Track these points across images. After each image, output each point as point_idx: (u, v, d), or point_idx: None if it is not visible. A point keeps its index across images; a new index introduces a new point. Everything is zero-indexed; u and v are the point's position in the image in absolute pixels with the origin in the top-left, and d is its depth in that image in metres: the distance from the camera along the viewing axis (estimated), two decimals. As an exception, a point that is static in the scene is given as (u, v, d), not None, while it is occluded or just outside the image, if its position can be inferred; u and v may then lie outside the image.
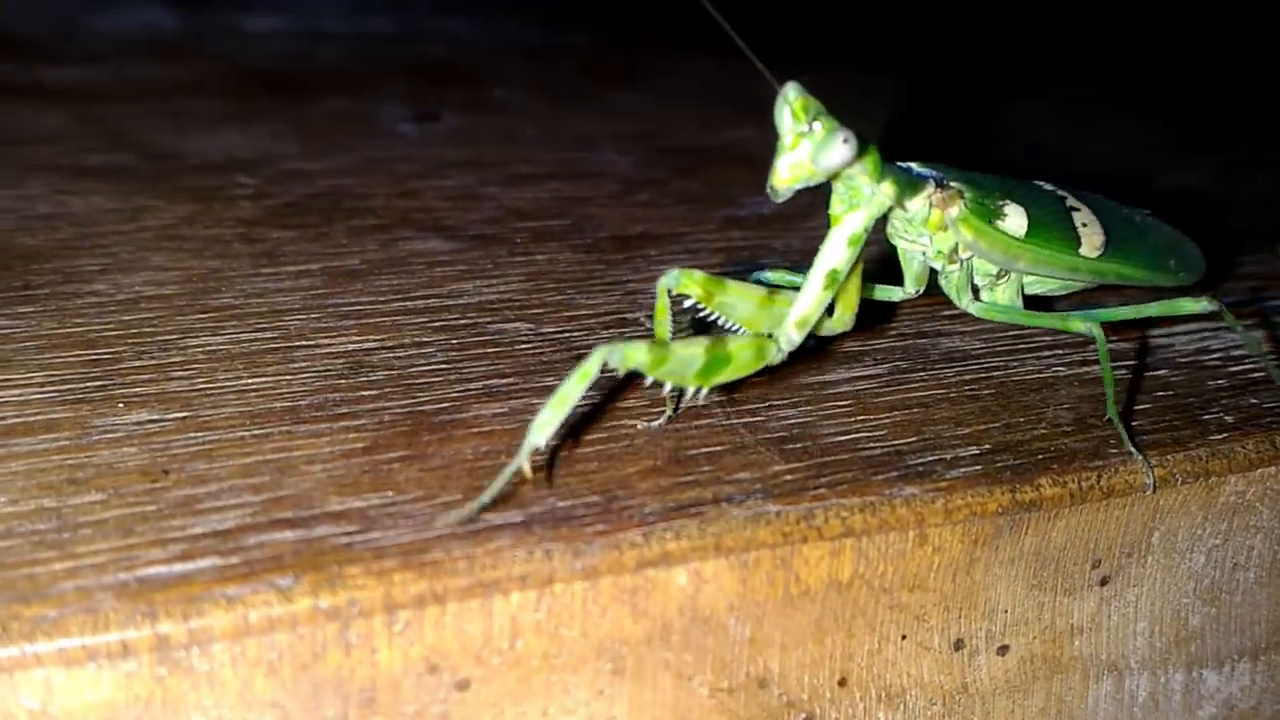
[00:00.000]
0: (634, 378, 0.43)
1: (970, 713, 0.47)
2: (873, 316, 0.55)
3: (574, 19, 1.27)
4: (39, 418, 0.43)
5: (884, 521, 0.43)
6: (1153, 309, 0.51)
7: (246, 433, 0.43)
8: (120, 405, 0.44)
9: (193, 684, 0.35)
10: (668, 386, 0.43)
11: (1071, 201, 0.52)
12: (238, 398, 0.46)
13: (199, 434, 0.43)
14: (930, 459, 0.45)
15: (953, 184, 0.48)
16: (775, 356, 0.45)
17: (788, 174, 0.43)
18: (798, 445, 0.46)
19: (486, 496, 0.40)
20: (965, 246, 0.49)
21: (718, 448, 0.45)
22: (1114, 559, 0.47)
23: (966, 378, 0.52)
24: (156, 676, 0.35)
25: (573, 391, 0.40)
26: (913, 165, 0.48)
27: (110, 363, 0.47)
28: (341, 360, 0.49)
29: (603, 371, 0.40)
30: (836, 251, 0.45)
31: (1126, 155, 0.89)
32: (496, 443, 0.44)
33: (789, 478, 0.44)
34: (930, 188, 0.47)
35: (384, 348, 0.51)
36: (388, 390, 0.47)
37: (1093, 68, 1.18)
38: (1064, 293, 0.56)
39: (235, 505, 0.39)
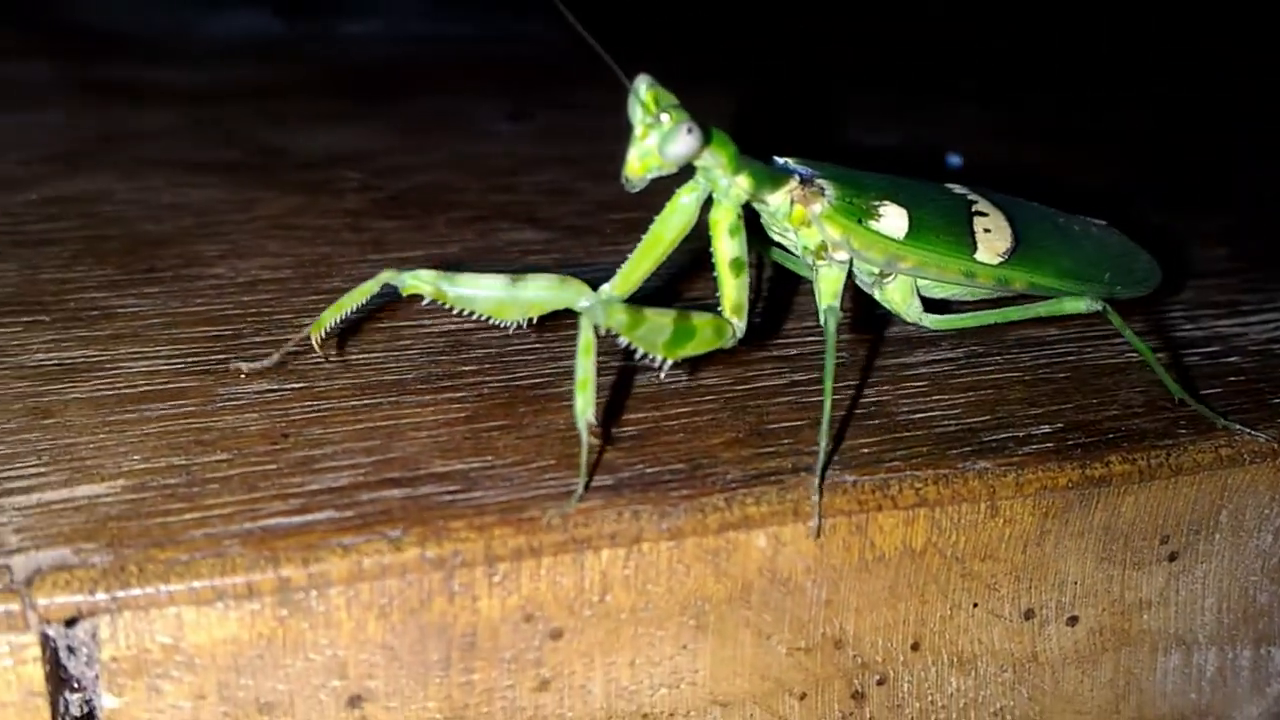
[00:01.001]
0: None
1: (1040, 681, 0.48)
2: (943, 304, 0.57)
3: (650, 20, 1.29)
4: (168, 386, 0.47)
5: (956, 493, 0.45)
6: (1039, 309, 0.51)
7: (358, 403, 0.47)
8: (242, 376, 0.48)
9: (310, 624, 0.38)
10: (639, 353, 0.44)
11: (981, 206, 0.51)
12: (349, 371, 0.49)
13: (314, 403, 0.46)
14: (1003, 436, 0.47)
15: (819, 181, 0.48)
16: (730, 341, 0.46)
17: (638, 163, 0.44)
18: (874, 421, 0.48)
19: (581, 485, 0.42)
20: (834, 244, 0.48)
21: (797, 423, 0.47)
22: (1182, 535, 0.48)
23: (1041, 361, 0.54)
24: (278, 616, 0.38)
25: (584, 366, 0.41)
26: (788, 161, 0.49)
27: (231, 338, 0.51)
28: (443, 339, 0.52)
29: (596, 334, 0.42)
30: (726, 246, 0.47)
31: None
32: (588, 415, 0.47)
33: (865, 450, 0.46)
34: (793, 183, 0.48)
35: (482, 328, 0.53)
36: (486, 367, 0.50)
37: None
38: (973, 299, 0.54)
39: (348, 466, 0.42)
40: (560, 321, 0.55)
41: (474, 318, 0.46)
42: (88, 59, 0.97)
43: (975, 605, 0.46)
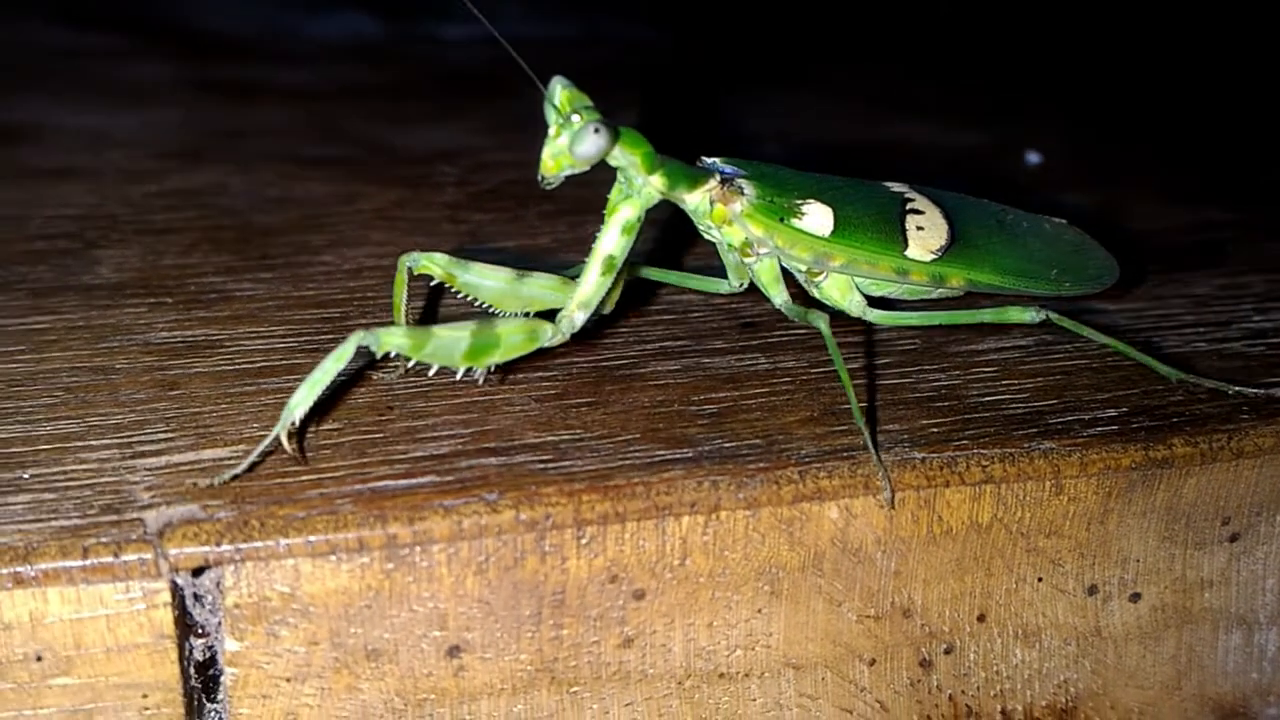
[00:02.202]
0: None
1: (1103, 655, 0.50)
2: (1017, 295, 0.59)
3: (734, 22, 1.32)
4: (283, 363, 0.51)
5: (1022, 471, 0.47)
6: (986, 315, 0.52)
7: (457, 382, 0.50)
8: (364, 352, 0.51)
9: (414, 578, 0.42)
10: (434, 368, 0.46)
11: (917, 205, 0.52)
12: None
13: (416, 379, 0.50)
14: (1069, 419, 0.49)
15: (739, 181, 0.49)
16: (553, 339, 0.47)
17: (551, 162, 0.46)
18: (944, 404, 0.50)
19: (245, 463, 0.42)
20: (758, 241, 0.50)
21: (874, 403, 0.50)
22: (1243, 517, 0.50)
23: (1109, 350, 0.56)
24: (385, 570, 0.41)
25: (328, 372, 0.42)
26: (716, 161, 0.50)
27: (339, 319, 0.55)
28: (535, 322, 0.55)
29: (361, 353, 0.43)
30: (611, 239, 0.48)
31: None
32: (670, 394, 0.50)
33: (935, 430, 0.48)
34: (712, 183, 0.49)
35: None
36: (575, 348, 0.53)
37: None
38: (913, 297, 0.54)
39: (448, 436, 0.46)
40: (648, 305, 0.58)
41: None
42: (203, 60, 1.02)
43: (1040, 580, 0.48)
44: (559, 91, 0.46)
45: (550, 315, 0.49)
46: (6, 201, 0.67)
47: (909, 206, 0.52)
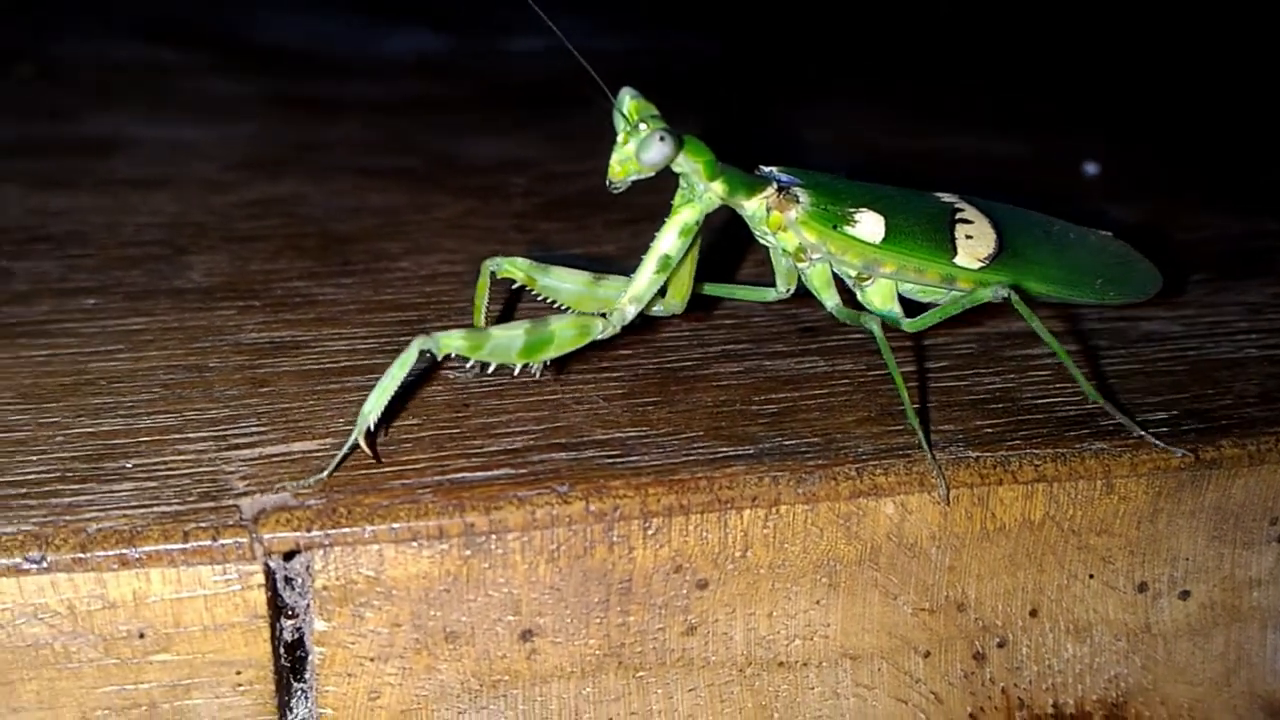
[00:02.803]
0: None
1: (1153, 651, 0.51)
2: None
3: (787, 33, 1.34)
4: (364, 363, 0.53)
5: (1073, 470, 0.48)
6: (963, 302, 0.52)
7: (528, 379, 0.52)
8: (427, 355, 0.54)
9: (490, 565, 0.44)
10: (492, 366, 0.48)
11: (966, 215, 0.53)
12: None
13: (490, 379, 0.52)
14: (1120, 420, 0.51)
15: (795, 189, 0.51)
16: (605, 333, 0.49)
17: (618, 167, 0.49)
18: (998, 406, 0.52)
19: (331, 466, 0.45)
20: (811, 247, 0.52)
21: (924, 404, 0.52)
22: (1293, 517, 0.51)
23: (1162, 355, 0.57)
24: (463, 556, 0.44)
25: (395, 378, 0.45)
26: (773, 169, 0.52)
27: (417, 322, 0.57)
28: (602, 326, 0.58)
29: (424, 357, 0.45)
30: (669, 240, 0.50)
31: None
32: (732, 395, 0.52)
33: (989, 430, 0.50)
34: (769, 190, 0.51)
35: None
36: (640, 351, 0.56)
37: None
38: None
39: (521, 432, 0.48)
40: (711, 310, 0.60)
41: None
42: (279, 75, 1.06)
43: (1091, 576, 0.50)
44: (628, 101, 0.49)
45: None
46: (101, 209, 0.70)
47: (958, 216, 0.53)
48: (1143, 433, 0.49)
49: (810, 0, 1.48)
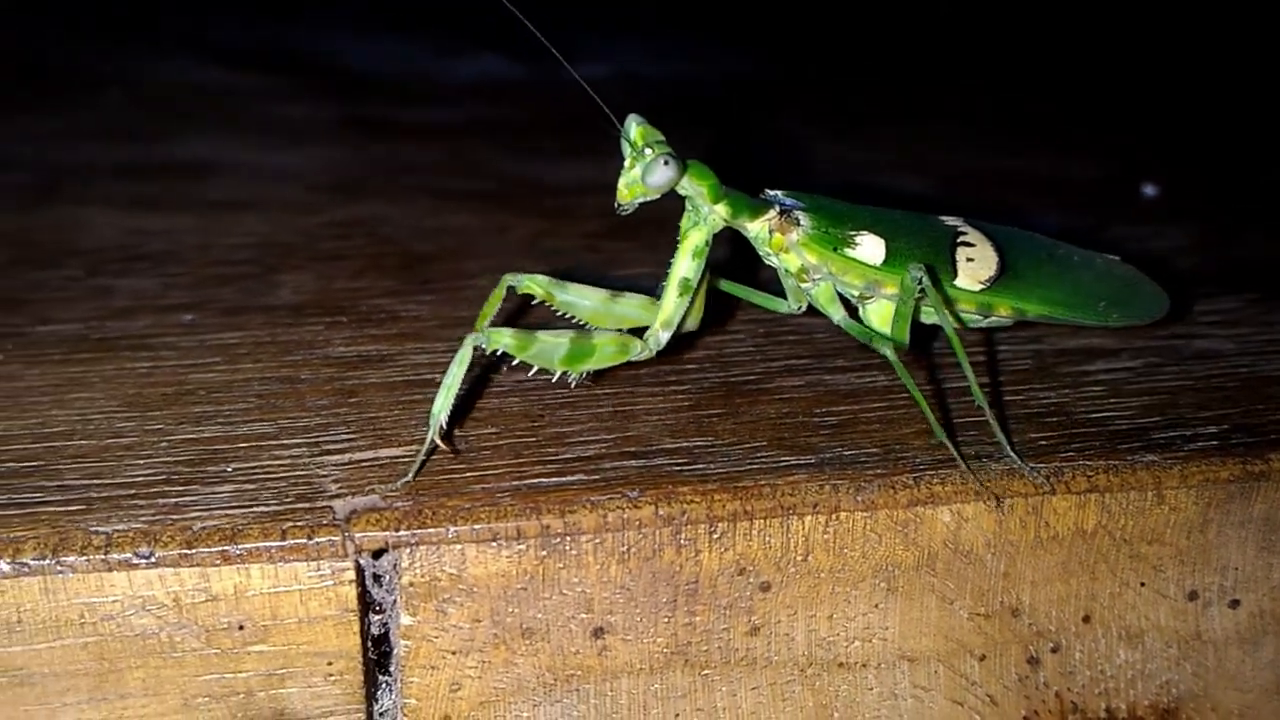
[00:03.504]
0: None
1: (1204, 658, 0.53)
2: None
3: (845, 54, 1.36)
4: (440, 376, 0.56)
5: (1125, 481, 0.50)
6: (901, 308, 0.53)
7: (599, 391, 0.55)
8: (504, 370, 0.57)
9: (564, 565, 0.47)
10: (533, 370, 0.51)
11: (969, 238, 0.55)
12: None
13: (563, 391, 0.55)
14: (1172, 434, 0.53)
15: (796, 213, 0.53)
16: (641, 354, 0.52)
17: (625, 191, 0.51)
18: (1053, 419, 0.54)
19: (414, 468, 0.48)
20: (813, 269, 0.54)
21: (979, 418, 0.53)
22: (1342, 529, 0.52)
23: (1215, 373, 0.59)
24: (539, 557, 0.46)
25: (456, 376, 0.48)
26: (778, 193, 0.54)
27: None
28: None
29: (477, 352, 0.49)
30: (685, 264, 0.53)
31: None
32: (794, 407, 0.54)
33: (1043, 442, 0.52)
34: (772, 213, 0.53)
35: (707, 333, 0.61)
36: (706, 365, 0.58)
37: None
38: (969, 326, 0.57)
39: (594, 440, 0.51)
40: (775, 327, 0.62)
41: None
42: (357, 101, 1.10)
43: (1142, 584, 0.52)
44: (634, 128, 0.51)
45: (640, 332, 0.53)
46: (192, 230, 0.74)
47: (960, 239, 0.55)
48: (1010, 453, 0.50)
49: (863, 23, 1.50)
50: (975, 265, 0.55)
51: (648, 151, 0.50)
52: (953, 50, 1.39)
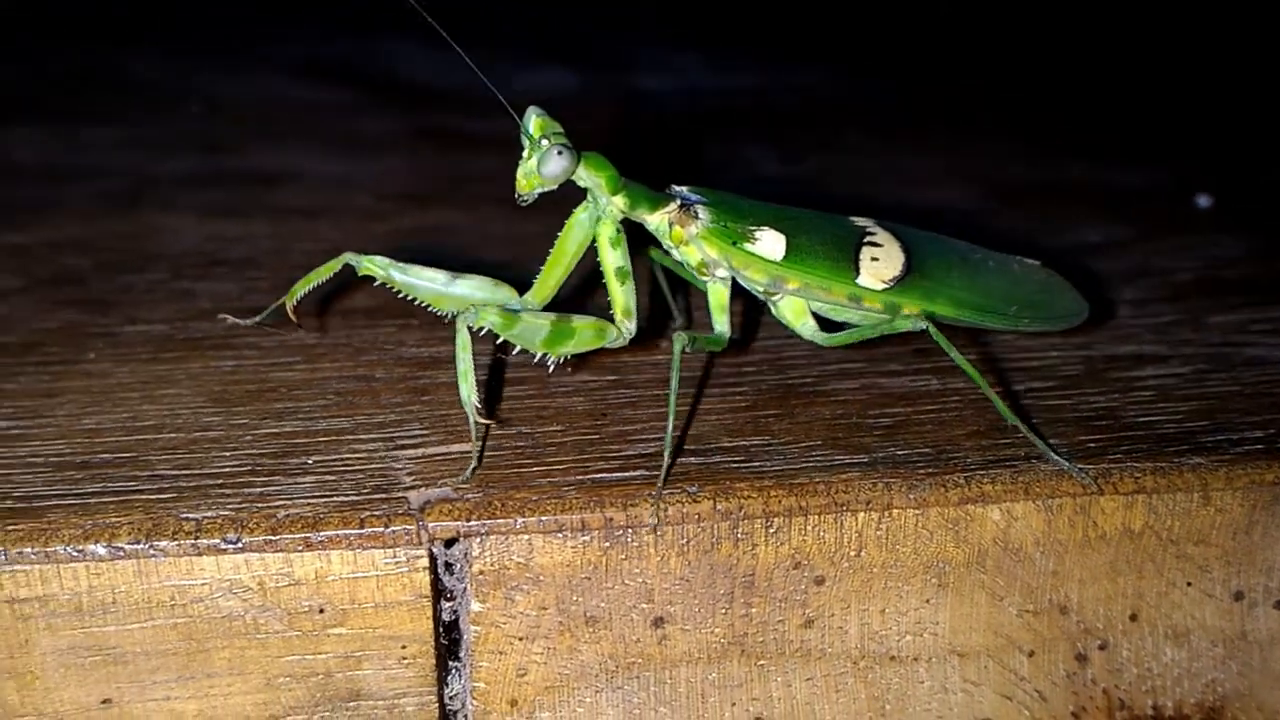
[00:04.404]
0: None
1: (1249, 658, 0.54)
2: (1181, 329, 0.64)
3: (904, 67, 1.37)
4: (514, 375, 0.59)
5: (1172, 483, 0.51)
6: (883, 328, 0.55)
7: (660, 392, 0.57)
8: (569, 370, 0.59)
9: (626, 556, 0.49)
10: (516, 349, 0.52)
11: (877, 238, 0.56)
12: (653, 368, 0.60)
13: (625, 391, 0.57)
14: (1219, 438, 0.54)
15: (696, 206, 0.55)
16: (614, 341, 0.53)
17: (524, 181, 0.53)
18: (1102, 423, 0.55)
19: (474, 458, 0.50)
20: (713, 262, 0.55)
21: (1033, 420, 0.55)
22: (1389, 533, 0.53)
23: (1264, 379, 0.60)
24: (602, 548, 0.48)
25: (463, 360, 0.50)
26: (682, 189, 0.55)
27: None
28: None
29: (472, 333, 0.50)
30: (609, 256, 0.54)
31: None
32: (848, 409, 0.56)
33: (1092, 445, 0.53)
34: (672, 206, 0.55)
35: (760, 337, 0.63)
36: (764, 368, 0.60)
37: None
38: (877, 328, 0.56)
39: (655, 438, 0.53)
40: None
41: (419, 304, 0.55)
42: (424, 111, 1.13)
43: (1189, 584, 0.53)
44: (533, 120, 0.53)
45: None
46: (270, 235, 0.77)
47: (867, 239, 0.56)
48: (1055, 455, 0.51)
49: (919, 35, 1.51)
50: (879, 265, 0.56)
51: (544, 142, 0.52)
52: (1005, 61, 1.40)
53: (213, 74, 1.23)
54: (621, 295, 0.55)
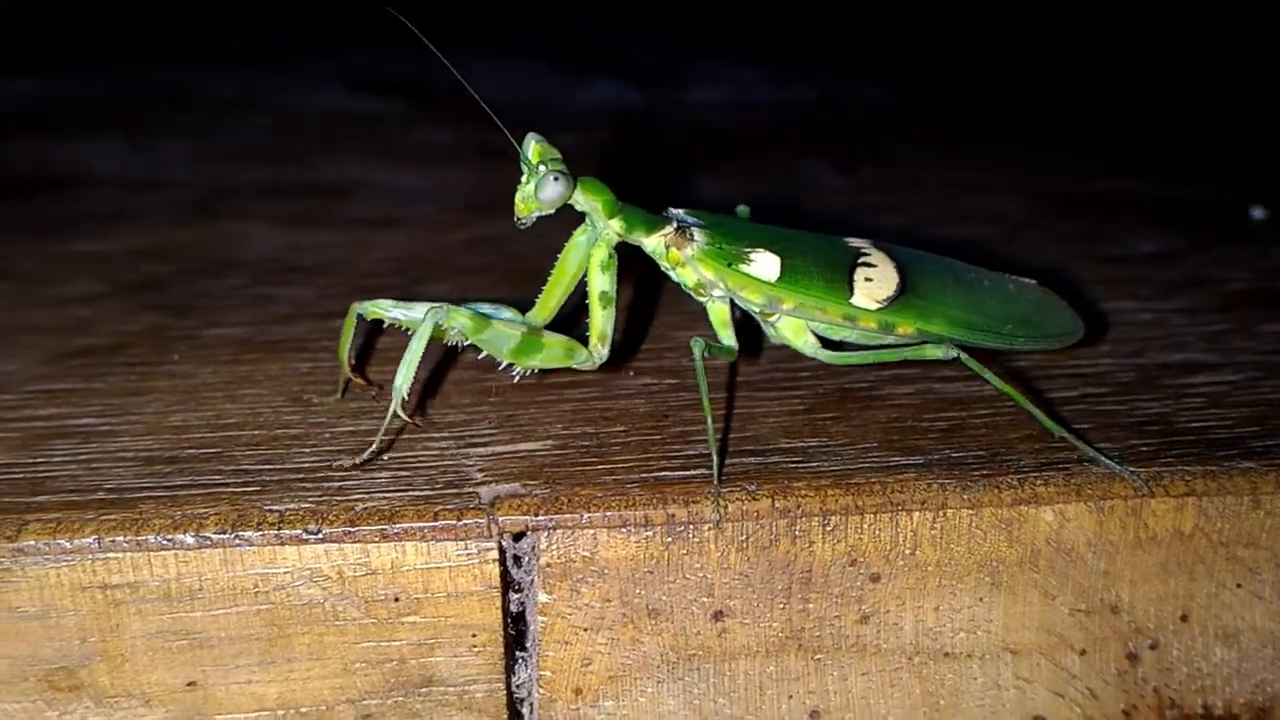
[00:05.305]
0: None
1: (1300, 659, 0.55)
2: (1233, 337, 0.65)
3: (957, 80, 1.38)
4: (579, 378, 0.60)
5: (1222, 486, 0.52)
6: (907, 353, 0.56)
7: (719, 395, 0.59)
8: (630, 373, 0.61)
9: (688, 551, 0.50)
10: (482, 354, 0.54)
11: (871, 259, 0.57)
12: (714, 374, 0.61)
13: (685, 394, 0.59)
14: (1269, 443, 0.55)
15: (693, 229, 0.56)
16: (584, 363, 0.55)
17: (522, 205, 0.54)
18: (1154, 428, 0.56)
19: (375, 444, 0.52)
20: (709, 284, 0.56)
21: (1085, 425, 0.56)
22: None
23: (1314, 386, 0.61)
24: (664, 543, 0.50)
25: (415, 351, 0.51)
26: (679, 211, 0.57)
27: (621, 346, 0.65)
28: (781, 349, 0.64)
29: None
30: (597, 280, 0.56)
31: None
32: (904, 412, 0.58)
33: (1143, 449, 0.54)
34: (668, 228, 0.56)
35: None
36: (820, 373, 0.62)
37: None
38: (873, 343, 0.58)
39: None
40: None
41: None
42: (482, 126, 1.15)
43: (1239, 586, 0.54)
44: (531, 145, 0.55)
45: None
46: (340, 245, 0.80)
47: (862, 260, 0.57)
48: (1105, 460, 0.52)
49: (972, 48, 1.52)
50: (873, 285, 0.57)
51: (541, 168, 0.54)
52: (1056, 74, 1.41)
53: (281, 90, 1.26)
54: (600, 319, 0.56)
